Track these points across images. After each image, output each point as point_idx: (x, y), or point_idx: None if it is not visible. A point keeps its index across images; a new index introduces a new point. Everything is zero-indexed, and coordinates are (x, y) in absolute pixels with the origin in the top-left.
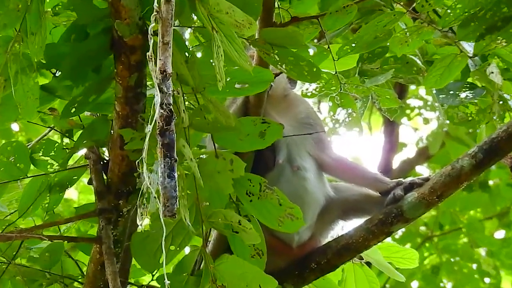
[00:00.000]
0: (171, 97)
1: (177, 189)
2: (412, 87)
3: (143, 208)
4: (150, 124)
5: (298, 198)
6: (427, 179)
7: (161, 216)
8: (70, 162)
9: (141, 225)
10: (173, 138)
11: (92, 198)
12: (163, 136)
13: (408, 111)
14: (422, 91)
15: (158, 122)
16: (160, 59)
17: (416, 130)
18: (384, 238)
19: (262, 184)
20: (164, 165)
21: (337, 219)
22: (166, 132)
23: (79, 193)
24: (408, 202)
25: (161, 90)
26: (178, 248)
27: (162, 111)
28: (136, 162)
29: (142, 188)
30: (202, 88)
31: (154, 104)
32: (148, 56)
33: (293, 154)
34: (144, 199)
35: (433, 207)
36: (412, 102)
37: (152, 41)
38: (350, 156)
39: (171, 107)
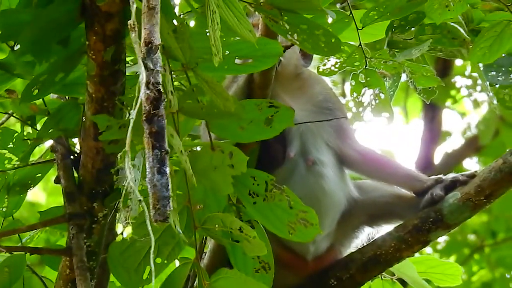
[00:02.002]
0: (160, 74)
1: (169, 187)
2: (458, 62)
3: (126, 212)
4: (134, 109)
5: (314, 200)
6: (473, 176)
7: (147, 222)
8: (33, 157)
9: (122, 233)
10: (163, 124)
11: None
12: (150, 122)
13: (453, 93)
14: (470, 67)
15: (144, 106)
16: (145, 28)
17: (464, 116)
18: (420, 248)
19: (269, 183)
20: (152, 159)
21: (362, 226)
22: (154, 117)
23: (48, 196)
24: (449, 204)
25: (146, 66)
26: (166, 261)
27: (148, 92)
28: (119, 157)
29: (121, 187)
30: (195, 64)
31: (138, 83)
32: (130, 25)
33: (308, 146)
34: (127, 201)
35: (482, 211)
36: (459, 81)
37: (134, 6)
38: (379, 148)
39: (160, 86)
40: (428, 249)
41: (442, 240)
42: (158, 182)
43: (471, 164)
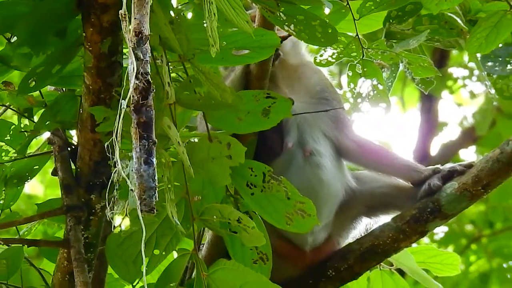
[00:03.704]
0: (149, 65)
1: (156, 178)
2: (455, 52)
3: (114, 203)
4: (124, 99)
5: (312, 191)
6: (470, 166)
7: (139, 213)
8: (30, 149)
9: (119, 225)
10: (151, 115)
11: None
12: (138, 112)
13: (450, 83)
14: (467, 57)
15: (133, 96)
16: (135, 18)
17: (460, 106)
18: (418, 238)
19: (267, 174)
20: (139, 149)
21: (360, 216)
22: (142, 108)
23: (46, 188)
24: (447, 194)
25: (136, 56)
26: (163, 253)
27: (137, 82)
28: (106, 146)
29: (112, 178)
30: (192, 55)
31: (127, 74)
32: (121, 15)
33: (305, 136)
34: (118, 193)
35: (481, 200)
36: (455, 71)
37: None
38: (376, 139)
39: (149, 77)
40: (425, 240)
41: (440, 230)
42: (144, 173)
43: (468, 155)
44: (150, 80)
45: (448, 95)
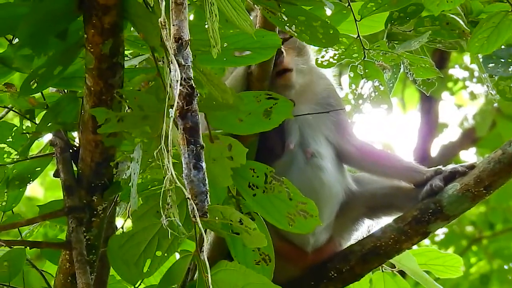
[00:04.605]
0: (191, 70)
1: (206, 182)
2: (455, 54)
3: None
4: (171, 107)
5: (313, 192)
6: (472, 167)
7: (193, 218)
8: (32, 151)
9: (122, 227)
10: (197, 120)
11: (61, 195)
12: (184, 118)
13: (450, 84)
14: (467, 59)
15: (178, 102)
16: (174, 25)
17: (460, 108)
18: (420, 239)
19: (268, 175)
20: (188, 154)
21: (361, 218)
22: (188, 113)
23: (46, 190)
24: (448, 195)
25: (178, 63)
26: (165, 254)
27: (181, 88)
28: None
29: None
30: (193, 56)
31: (170, 80)
32: (161, 23)
33: (307, 138)
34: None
35: (481, 202)
36: (455, 72)
37: (163, 2)
38: (377, 141)
39: (192, 82)
40: (426, 241)
41: (441, 232)
42: (195, 178)
43: (468, 156)
44: (193, 85)
45: (448, 96)
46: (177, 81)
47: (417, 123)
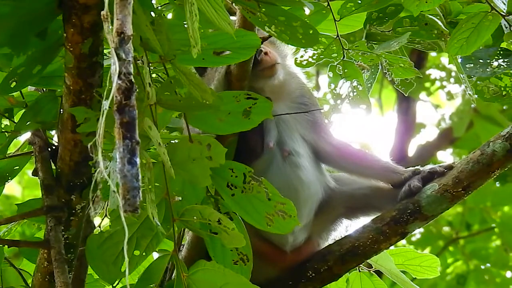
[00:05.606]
0: (131, 65)
1: (139, 177)
2: (433, 54)
3: (96, 203)
4: (107, 99)
5: (292, 190)
6: (450, 167)
7: (121, 213)
8: (11, 149)
9: (99, 226)
10: (134, 115)
11: (39, 194)
12: (121, 113)
13: (427, 84)
14: (444, 59)
15: (116, 96)
16: (117, 19)
17: (438, 108)
18: (398, 240)
19: (247, 174)
20: (123, 149)
21: (339, 218)
22: (125, 108)
23: (24, 189)
24: (427, 195)
25: (118, 57)
26: (144, 253)
27: (120, 82)
28: (89, 147)
29: (95, 178)
30: (173, 56)
31: (109, 74)
32: (103, 16)
33: (284, 137)
34: (99, 193)
35: (459, 202)
36: (433, 73)
37: None
38: (355, 140)
39: (131, 77)
40: (402, 241)
41: (417, 232)
42: (128, 173)
43: (445, 156)
44: (132, 80)
45: (425, 97)
46: (116, 75)
47: (394, 123)
